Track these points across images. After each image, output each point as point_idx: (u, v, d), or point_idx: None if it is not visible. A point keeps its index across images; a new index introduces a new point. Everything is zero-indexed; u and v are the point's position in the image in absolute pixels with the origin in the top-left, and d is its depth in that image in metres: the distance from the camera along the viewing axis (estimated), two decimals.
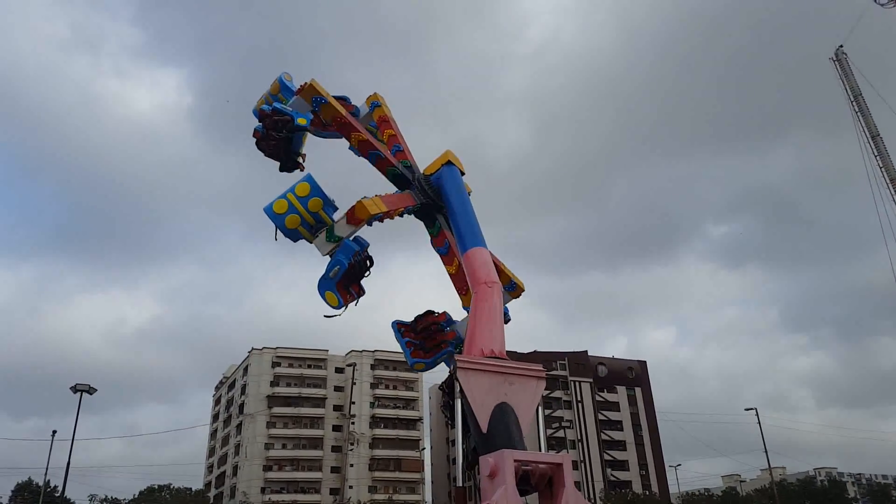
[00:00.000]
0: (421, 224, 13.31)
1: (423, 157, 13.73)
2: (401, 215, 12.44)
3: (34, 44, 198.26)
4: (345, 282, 11.32)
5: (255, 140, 12.22)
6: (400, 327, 12.50)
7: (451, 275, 12.78)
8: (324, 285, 11.17)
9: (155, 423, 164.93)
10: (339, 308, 11.34)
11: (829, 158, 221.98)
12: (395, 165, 12.92)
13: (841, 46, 49.19)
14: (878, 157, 45.63)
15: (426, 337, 12.32)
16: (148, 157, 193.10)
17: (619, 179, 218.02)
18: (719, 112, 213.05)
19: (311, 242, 11.44)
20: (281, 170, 12.55)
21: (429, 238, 13.36)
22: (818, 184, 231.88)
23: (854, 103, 47.59)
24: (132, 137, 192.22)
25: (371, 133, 13.88)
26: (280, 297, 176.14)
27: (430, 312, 12.51)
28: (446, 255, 12.85)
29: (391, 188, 13.09)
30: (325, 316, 11.50)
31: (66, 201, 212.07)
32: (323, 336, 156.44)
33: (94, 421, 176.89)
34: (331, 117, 12.24)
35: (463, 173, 13.36)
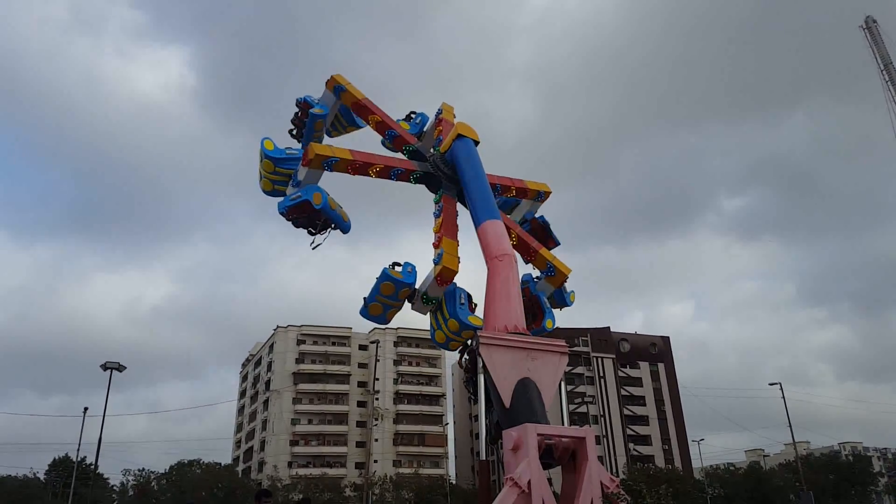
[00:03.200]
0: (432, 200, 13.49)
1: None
2: (391, 177, 12.81)
3: (35, 25, 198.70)
4: (302, 219, 12.47)
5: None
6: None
7: (434, 231, 12.87)
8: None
9: (177, 399, 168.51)
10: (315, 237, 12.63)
11: (844, 127, 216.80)
12: (415, 170, 13.30)
13: (871, 17, 47.72)
14: None
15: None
16: (154, 136, 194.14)
17: (629, 151, 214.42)
18: (730, 80, 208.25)
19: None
20: (312, 246, 13.15)
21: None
22: (834, 153, 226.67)
23: (884, 72, 46.34)
24: (138, 118, 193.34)
25: (340, 121, 14.51)
26: (295, 274, 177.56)
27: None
28: (438, 216, 12.92)
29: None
30: (311, 247, 12.85)
31: (77, 182, 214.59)
32: (345, 314, 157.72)
33: (118, 398, 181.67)
34: (350, 102, 13.61)
35: (477, 143, 13.46)
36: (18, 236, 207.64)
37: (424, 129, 14.64)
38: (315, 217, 12.31)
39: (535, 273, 13.79)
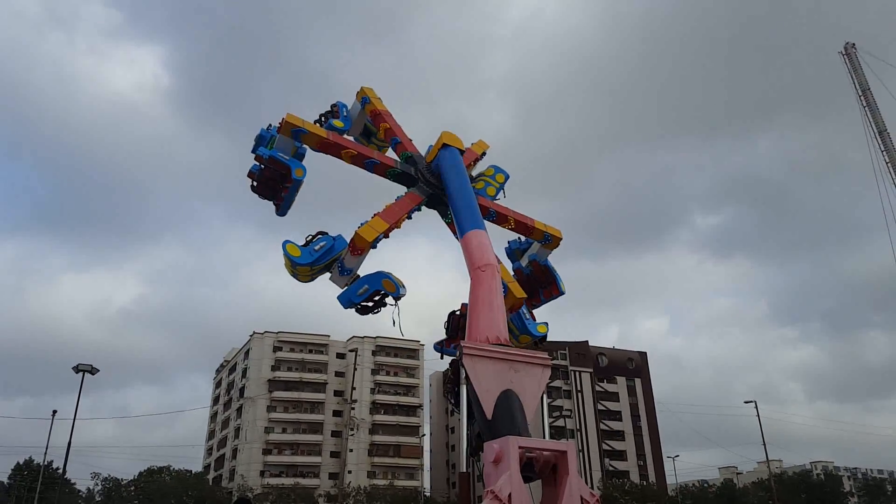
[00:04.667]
0: (416, 212, 13.23)
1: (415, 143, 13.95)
2: (409, 217, 12.48)
3: (6, 19, 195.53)
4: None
5: (250, 182, 12.43)
6: (446, 345, 12.57)
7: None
8: (345, 298, 11.58)
9: (145, 404, 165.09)
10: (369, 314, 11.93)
11: (816, 147, 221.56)
12: (393, 167, 12.93)
13: (851, 43, 48.78)
14: (884, 153, 45.37)
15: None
16: (126, 136, 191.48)
17: (605, 166, 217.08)
18: (705, 98, 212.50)
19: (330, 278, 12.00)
20: (278, 213, 12.72)
21: (417, 224, 13.54)
22: (806, 173, 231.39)
23: (862, 98, 47.31)
24: (110, 117, 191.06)
25: (369, 131, 14.10)
26: (267, 280, 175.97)
27: (452, 313, 12.51)
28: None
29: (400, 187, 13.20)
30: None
31: (45, 180, 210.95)
32: (321, 320, 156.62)
33: (84, 401, 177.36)
34: (315, 143, 12.40)
35: (463, 151, 13.39)
36: None
37: (353, 120, 14.08)
38: (280, 181, 12.07)
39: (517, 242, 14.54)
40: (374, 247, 11.59)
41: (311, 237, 11.53)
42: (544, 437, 10.16)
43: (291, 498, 69.47)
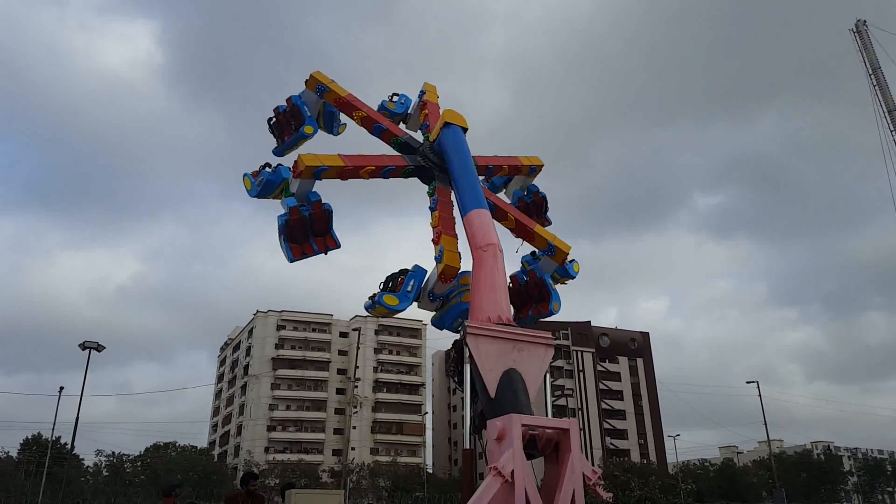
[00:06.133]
0: (409, 188, 13.31)
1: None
2: (383, 176, 12.39)
3: None
4: (296, 235, 11.54)
5: (270, 116, 12.97)
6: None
7: (432, 226, 12.64)
8: (280, 240, 11.52)
9: (145, 381, 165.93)
10: (292, 262, 11.71)
11: (817, 127, 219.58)
12: (398, 136, 12.93)
13: (862, 20, 48.03)
14: (894, 133, 44.92)
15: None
16: (120, 112, 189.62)
17: (604, 144, 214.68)
18: (703, 76, 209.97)
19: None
20: (274, 151, 13.05)
21: (419, 204, 13.41)
22: (806, 154, 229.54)
23: (872, 76, 46.73)
24: (103, 93, 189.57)
25: (333, 122, 14.12)
26: (266, 257, 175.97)
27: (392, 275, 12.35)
28: (433, 210, 12.70)
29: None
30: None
31: (41, 156, 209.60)
32: (325, 300, 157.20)
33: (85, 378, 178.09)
34: (333, 100, 12.94)
35: (466, 129, 13.27)
36: None
37: (409, 110, 14.26)
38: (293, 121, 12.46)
39: (529, 256, 13.54)
40: (318, 177, 11.43)
41: (261, 167, 11.75)
42: (547, 416, 10.24)
43: (296, 474, 70.25)
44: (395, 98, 14.27)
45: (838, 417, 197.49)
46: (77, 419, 36.25)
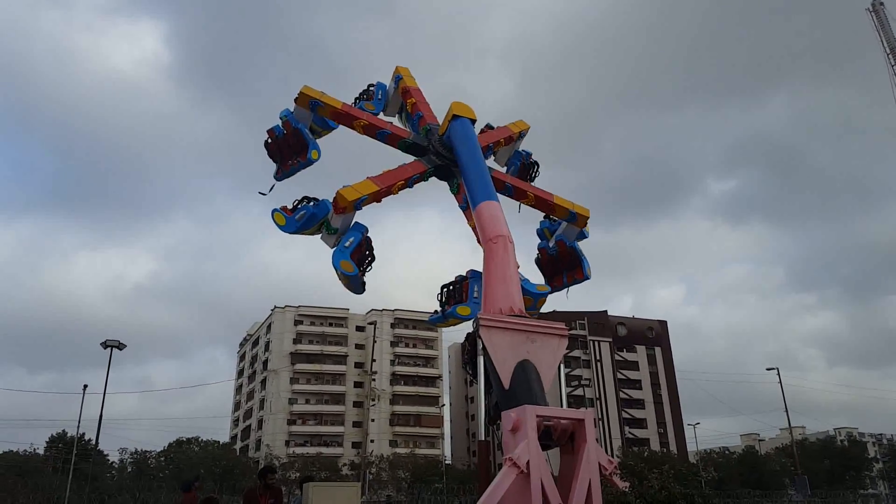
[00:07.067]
0: (422, 183, 13.18)
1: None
2: (409, 185, 12.37)
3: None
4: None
5: (266, 138, 12.49)
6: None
7: (472, 227, 12.69)
8: (339, 255, 11.37)
9: (164, 378, 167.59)
10: (354, 274, 11.49)
11: (830, 108, 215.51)
12: (405, 137, 12.85)
13: (881, 1, 47.16)
14: None
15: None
16: (129, 113, 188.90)
17: (612, 131, 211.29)
18: (712, 58, 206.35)
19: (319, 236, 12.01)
20: (276, 177, 12.63)
21: (427, 196, 13.40)
22: (820, 135, 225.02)
23: (890, 56, 45.92)
24: (111, 94, 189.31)
25: (315, 129, 14.12)
26: (280, 253, 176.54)
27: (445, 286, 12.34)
28: (465, 210, 12.77)
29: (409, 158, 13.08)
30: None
31: (54, 158, 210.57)
32: (340, 294, 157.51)
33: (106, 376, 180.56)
34: (330, 114, 12.62)
35: (474, 121, 13.23)
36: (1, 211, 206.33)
37: (388, 99, 14.16)
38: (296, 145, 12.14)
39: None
40: (359, 208, 11.47)
41: (297, 202, 11.57)
42: (562, 407, 10.21)
43: (316, 466, 70.88)
44: (372, 88, 14.15)
45: (860, 403, 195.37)
46: (101, 416, 36.88)
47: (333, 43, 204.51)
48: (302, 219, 11.33)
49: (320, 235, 11.67)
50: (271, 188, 12.42)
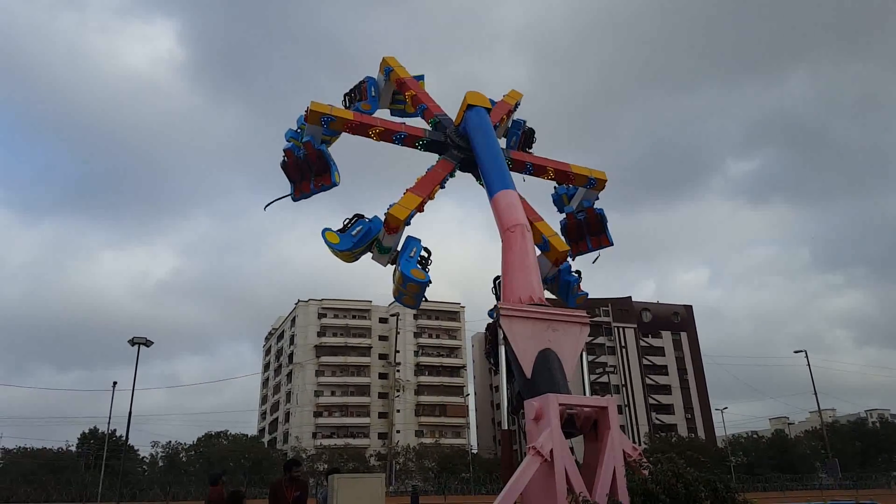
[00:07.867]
0: (451, 179, 13.17)
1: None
2: (443, 186, 12.49)
3: (19, 2, 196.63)
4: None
5: (282, 158, 12.61)
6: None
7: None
8: (407, 264, 11.62)
9: (191, 372, 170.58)
10: (426, 281, 11.72)
11: (850, 84, 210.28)
12: (422, 136, 12.96)
13: None
14: None
15: None
16: (146, 112, 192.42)
17: (629, 114, 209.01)
18: (728, 36, 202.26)
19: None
20: (294, 198, 12.86)
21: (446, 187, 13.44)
22: (841, 112, 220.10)
23: None
24: (128, 93, 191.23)
25: (398, 99, 14.29)
26: (299, 247, 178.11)
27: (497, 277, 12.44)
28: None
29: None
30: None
31: (75, 158, 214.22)
32: (363, 287, 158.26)
33: (133, 372, 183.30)
34: (342, 127, 12.75)
35: (489, 110, 13.29)
36: (24, 213, 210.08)
37: (380, 92, 14.37)
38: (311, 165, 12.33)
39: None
40: (409, 223, 11.72)
41: (348, 221, 11.75)
42: (585, 394, 10.14)
43: (343, 458, 71.56)
44: (364, 85, 14.32)
45: (892, 383, 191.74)
46: (130, 412, 37.50)
47: (344, 34, 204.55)
48: (359, 234, 11.57)
49: (371, 255, 11.88)
50: (270, 203, 12.71)
